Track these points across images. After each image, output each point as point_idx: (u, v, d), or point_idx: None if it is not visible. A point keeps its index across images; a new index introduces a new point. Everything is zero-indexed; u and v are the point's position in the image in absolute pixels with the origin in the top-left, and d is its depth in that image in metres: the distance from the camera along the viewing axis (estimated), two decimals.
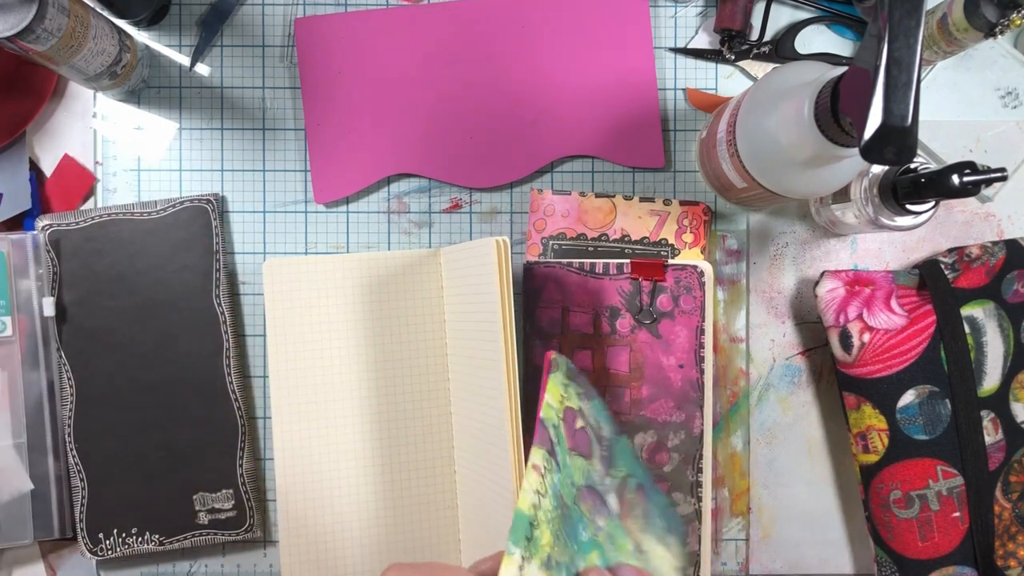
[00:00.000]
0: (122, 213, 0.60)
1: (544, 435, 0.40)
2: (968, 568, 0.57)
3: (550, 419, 0.41)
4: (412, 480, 0.61)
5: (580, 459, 0.42)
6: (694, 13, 0.63)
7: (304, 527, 0.59)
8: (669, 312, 0.59)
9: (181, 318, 0.60)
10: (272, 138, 0.63)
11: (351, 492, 0.60)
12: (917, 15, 0.37)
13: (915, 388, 0.56)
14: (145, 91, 0.63)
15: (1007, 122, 0.62)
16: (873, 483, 0.58)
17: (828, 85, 0.42)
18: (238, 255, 0.63)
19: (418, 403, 0.61)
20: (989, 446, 0.56)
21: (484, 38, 0.62)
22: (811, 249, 0.63)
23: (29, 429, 0.59)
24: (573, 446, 0.42)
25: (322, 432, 0.60)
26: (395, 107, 0.62)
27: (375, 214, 0.63)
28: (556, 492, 0.39)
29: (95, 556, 0.60)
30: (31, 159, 0.62)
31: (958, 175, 0.48)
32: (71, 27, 0.51)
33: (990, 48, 0.63)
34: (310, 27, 0.62)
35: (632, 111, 0.62)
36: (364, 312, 0.61)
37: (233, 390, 0.61)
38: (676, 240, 0.62)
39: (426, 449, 0.61)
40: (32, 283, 0.60)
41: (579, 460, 0.42)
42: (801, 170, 0.48)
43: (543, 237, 0.62)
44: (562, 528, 0.38)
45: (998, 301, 0.57)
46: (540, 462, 0.39)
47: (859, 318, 0.57)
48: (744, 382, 0.63)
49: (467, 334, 0.57)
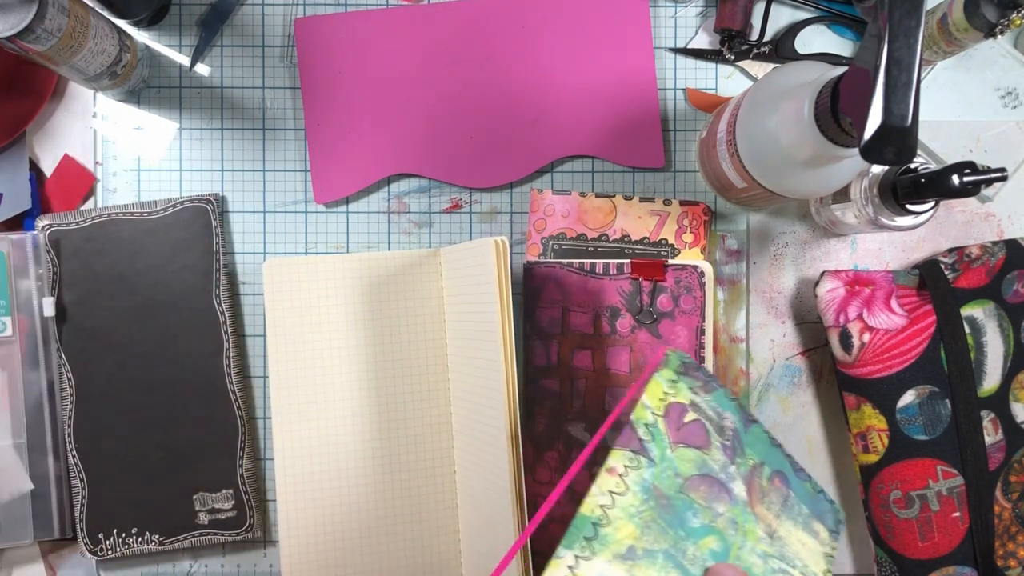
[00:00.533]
0: (122, 213, 0.60)
1: (630, 435, 0.41)
2: (968, 568, 0.57)
3: (642, 419, 0.42)
4: (412, 480, 0.61)
5: (690, 450, 0.43)
6: (694, 13, 0.63)
7: (304, 527, 0.59)
8: (669, 312, 0.59)
9: (181, 318, 0.60)
10: (272, 138, 0.63)
11: (351, 492, 0.60)
12: (917, 15, 0.37)
13: (915, 388, 0.56)
14: (145, 91, 0.63)
15: (1007, 122, 0.62)
16: (873, 483, 0.58)
17: (828, 85, 0.42)
18: (238, 255, 0.63)
19: (418, 403, 0.61)
20: (989, 446, 0.56)
21: (484, 38, 0.62)
22: (811, 249, 0.63)
23: (29, 429, 0.59)
24: (679, 439, 0.43)
25: (322, 432, 0.60)
26: (395, 107, 0.62)
27: (375, 214, 0.63)
28: (647, 487, 0.40)
29: (95, 556, 0.60)
30: (31, 159, 0.62)
31: (958, 175, 0.48)
32: (71, 27, 0.51)
33: (990, 48, 0.63)
34: (310, 27, 0.62)
35: (632, 111, 0.62)
36: (364, 312, 0.61)
37: (233, 390, 0.61)
38: (676, 240, 0.62)
39: (426, 449, 0.61)
40: (32, 283, 0.60)
41: (688, 451, 0.43)
42: (801, 170, 0.48)
43: (543, 237, 0.62)
44: (658, 518, 0.40)
45: (998, 301, 0.57)
46: (618, 463, 0.40)
47: (859, 318, 0.57)
48: (744, 382, 0.63)
49: (467, 334, 0.57)
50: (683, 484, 0.42)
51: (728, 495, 0.43)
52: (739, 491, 0.43)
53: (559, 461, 0.61)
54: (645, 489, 0.40)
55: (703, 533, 0.41)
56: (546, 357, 0.61)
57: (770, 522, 0.44)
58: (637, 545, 0.38)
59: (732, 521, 0.42)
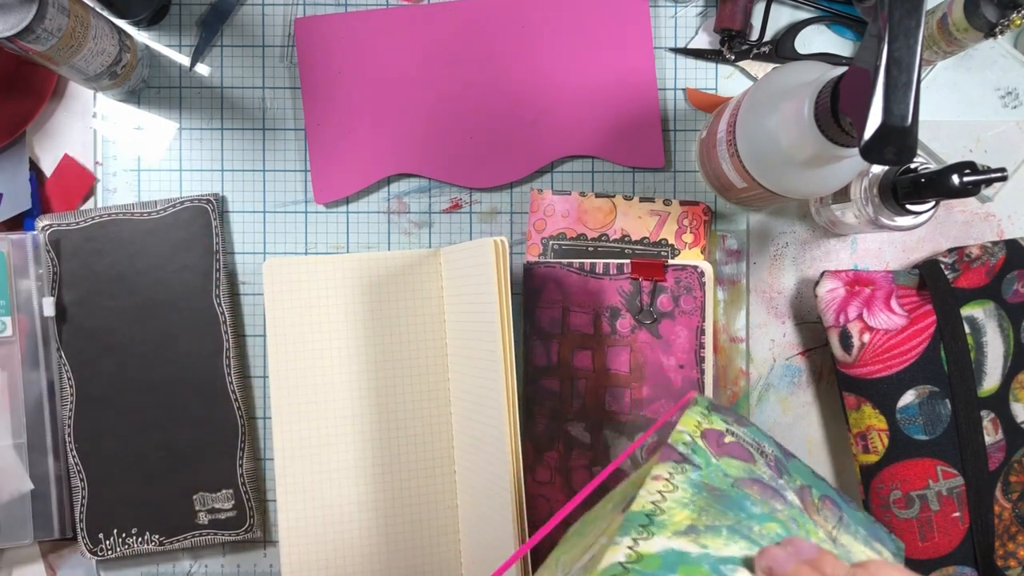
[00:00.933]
0: (122, 213, 0.60)
1: (670, 452, 0.41)
2: (968, 568, 0.56)
3: (679, 440, 0.42)
4: (412, 480, 0.61)
5: (736, 460, 0.42)
6: (694, 13, 0.63)
7: (304, 527, 0.59)
8: (669, 312, 0.59)
9: (181, 318, 0.60)
10: (272, 138, 0.63)
11: (351, 492, 0.60)
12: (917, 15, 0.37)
13: (915, 388, 0.56)
14: (145, 91, 0.63)
15: (1007, 122, 0.62)
16: (873, 483, 0.58)
17: (828, 85, 0.42)
18: (238, 255, 0.63)
19: (418, 403, 0.61)
20: (989, 446, 0.56)
21: (484, 38, 0.62)
22: (811, 249, 0.63)
23: (29, 429, 0.59)
24: (721, 453, 0.42)
25: (322, 432, 0.60)
26: (395, 107, 0.62)
27: (375, 214, 0.63)
28: (696, 483, 0.39)
29: (95, 556, 0.60)
30: (31, 159, 0.62)
31: (958, 175, 0.48)
32: (71, 27, 0.51)
33: (990, 48, 0.63)
34: (310, 27, 0.62)
35: (632, 111, 0.62)
36: (364, 312, 0.61)
37: (233, 390, 0.61)
38: (676, 240, 0.62)
39: (426, 449, 0.61)
40: (32, 283, 0.60)
41: (734, 461, 0.42)
42: (801, 170, 0.48)
43: (543, 237, 0.62)
44: (714, 503, 0.38)
45: (998, 301, 0.57)
46: (662, 471, 0.39)
47: (859, 318, 0.57)
48: (744, 382, 0.63)
49: (466, 334, 0.57)
50: (735, 482, 0.40)
51: (782, 499, 0.41)
52: (793, 500, 0.42)
53: (559, 461, 0.61)
54: (695, 485, 0.39)
55: (766, 519, 0.38)
56: (546, 357, 0.61)
57: (829, 530, 0.42)
58: (698, 523, 0.36)
59: (792, 519, 0.40)
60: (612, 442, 0.59)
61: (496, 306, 0.52)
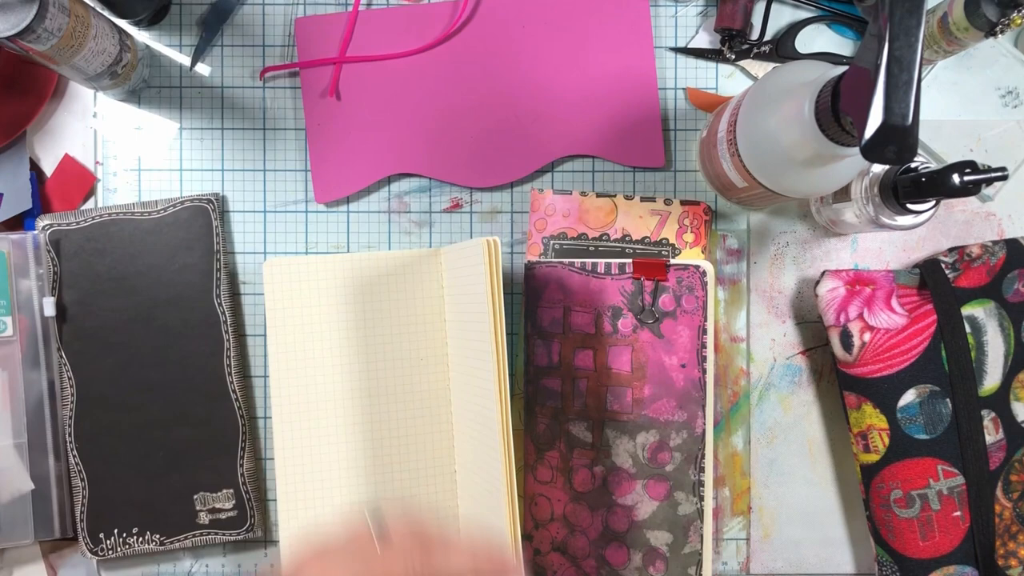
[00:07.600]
0: (122, 213, 0.60)
1: None
2: (969, 567, 0.57)
3: None
4: (413, 480, 0.61)
5: None
6: (694, 13, 0.63)
7: (304, 527, 0.59)
8: (671, 312, 0.59)
9: (182, 318, 0.60)
10: (272, 138, 0.63)
11: (352, 492, 0.60)
12: (918, 14, 0.37)
13: (916, 387, 0.56)
14: (145, 91, 0.63)
15: (1008, 121, 0.62)
16: (874, 482, 0.58)
17: (828, 84, 0.42)
18: (238, 255, 0.63)
19: (418, 403, 0.61)
20: (990, 445, 0.56)
21: (485, 37, 0.62)
22: (811, 249, 0.63)
23: (30, 429, 0.59)
24: None
25: (322, 432, 0.60)
26: (395, 106, 0.62)
27: (375, 214, 0.63)
28: None
29: (96, 556, 0.60)
30: (31, 159, 0.62)
31: (959, 174, 0.48)
32: (71, 27, 0.51)
33: (991, 47, 0.63)
34: (310, 27, 0.62)
35: (632, 111, 0.62)
36: (365, 312, 0.61)
37: (234, 390, 0.61)
38: (677, 240, 0.62)
39: (427, 449, 0.61)
40: (32, 283, 0.60)
41: None
42: (801, 169, 0.48)
43: (544, 237, 0.62)
44: None
45: (999, 300, 0.57)
46: None
47: (860, 317, 0.57)
48: (745, 382, 0.63)
49: (464, 334, 0.57)
50: None
51: None
52: None
53: (560, 460, 0.61)
54: None
55: None
56: (548, 357, 0.61)
57: None
58: None
59: None
60: (613, 442, 0.59)
61: (488, 306, 0.51)
